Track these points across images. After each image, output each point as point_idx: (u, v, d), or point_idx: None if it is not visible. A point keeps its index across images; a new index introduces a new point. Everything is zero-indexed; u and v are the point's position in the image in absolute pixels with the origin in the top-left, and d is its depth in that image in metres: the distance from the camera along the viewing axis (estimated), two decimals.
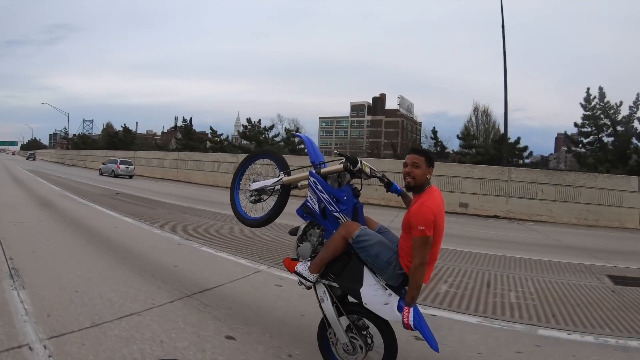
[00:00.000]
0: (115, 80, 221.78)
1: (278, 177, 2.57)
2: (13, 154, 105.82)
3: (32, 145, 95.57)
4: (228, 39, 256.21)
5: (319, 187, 2.28)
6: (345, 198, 2.23)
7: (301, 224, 2.42)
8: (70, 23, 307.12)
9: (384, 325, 2.12)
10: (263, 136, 26.84)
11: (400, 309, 1.98)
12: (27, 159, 57.89)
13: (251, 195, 2.70)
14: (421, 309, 2.21)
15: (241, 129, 30.11)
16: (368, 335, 2.19)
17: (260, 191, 2.66)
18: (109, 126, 54.74)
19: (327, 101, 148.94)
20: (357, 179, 2.32)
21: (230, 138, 33.97)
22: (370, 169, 2.33)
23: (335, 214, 2.23)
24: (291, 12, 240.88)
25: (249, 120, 27.82)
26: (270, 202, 2.64)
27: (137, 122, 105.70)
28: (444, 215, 2.07)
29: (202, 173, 22.58)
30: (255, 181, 2.72)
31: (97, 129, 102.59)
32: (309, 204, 2.34)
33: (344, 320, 2.21)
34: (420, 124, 58.35)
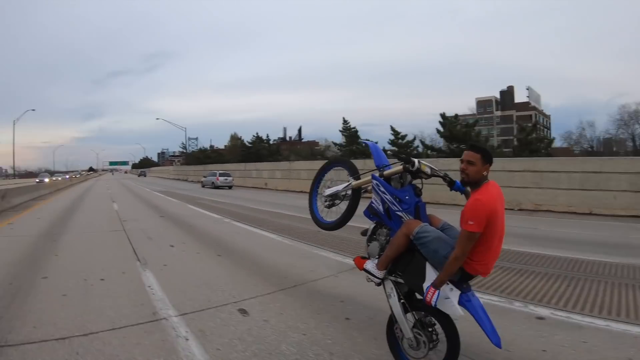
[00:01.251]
0: (212, 99, 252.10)
1: (348, 182, 2.77)
2: (125, 172, 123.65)
3: (143, 164, 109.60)
4: (316, 49, 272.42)
5: (382, 188, 2.41)
6: (407, 197, 2.33)
7: (370, 225, 2.56)
8: (164, 50, 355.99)
9: (447, 323, 2.15)
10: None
11: (461, 303, 2.04)
12: (139, 176, 70.58)
13: (326, 201, 2.92)
14: None
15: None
16: (433, 332, 2.23)
17: (334, 196, 2.87)
18: (234, 137, 55.18)
19: (425, 103, 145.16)
20: (419, 178, 2.41)
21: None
22: (431, 168, 2.40)
23: (398, 213, 2.34)
24: (377, 18, 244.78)
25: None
26: (343, 207, 2.82)
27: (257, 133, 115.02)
28: (503, 210, 2.08)
29: None
30: (329, 187, 2.94)
31: (201, 145, 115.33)
32: (373, 205, 2.49)
33: (411, 317, 2.28)
34: (549, 117, 53.19)
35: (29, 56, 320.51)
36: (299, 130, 33.23)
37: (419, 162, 2.33)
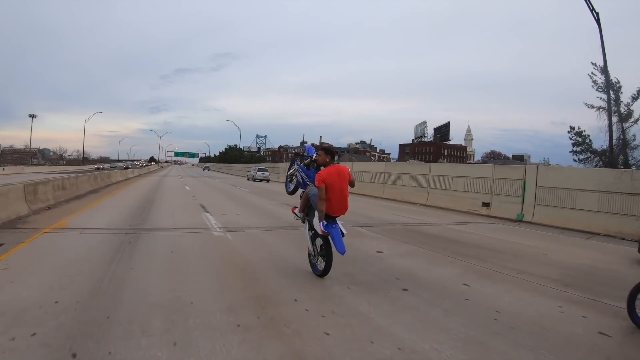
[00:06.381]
0: (277, 102, 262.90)
1: (294, 168, 4.91)
2: (193, 165, 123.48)
3: (206, 159, 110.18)
4: (384, 58, 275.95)
5: (300, 171, 4.57)
6: (311, 175, 4.34)
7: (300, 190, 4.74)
8: (232, 52, 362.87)
9: (327, 243, 3.98)
10: None
11: (326, 228, 3.86)
12: (204, 169, 77.62)
13: (287, 178, 5.12)
14: None
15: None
16: (321, 248, 4.09)
17: (291, 175, 4.99)
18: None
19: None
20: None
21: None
22: (313, 161, 4.42)
23: (307, 183, 4.39)
24: (443, 29, 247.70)
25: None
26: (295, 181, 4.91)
27: (320, 136, 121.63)
28: (339, 180, 3.96)
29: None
30: (290, 171, 5.06)
31: (270, 144, 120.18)
32: (298, 179, 4.65)
33: (313, 240, 4.23)
34: None
35: (107, 51, 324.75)
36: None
37: (314, 157, 4.35)
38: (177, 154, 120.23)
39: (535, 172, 11.37)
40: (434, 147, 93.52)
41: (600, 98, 21.29)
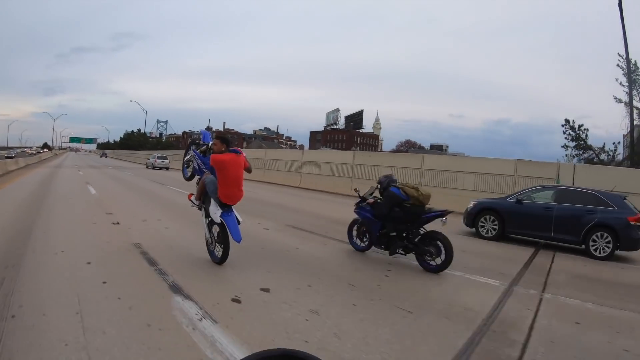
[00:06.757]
0: (179, 86, 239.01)
1: (190, 154, 5.00)
2: (90, 152, 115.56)
3: (105, 146, 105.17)
4: (288, 45, 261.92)
5: (197, 158, 4.64)
6: (207, 162, 4.35)
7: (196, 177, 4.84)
8: (134, 31, 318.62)
9: (223, 230, 4.04)
10: None
11: (222, 216, 4.01)
12: (101, 157, 69.98)
13: (184, 164, 5.22)
14: None
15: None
16: (219, 236, 4.15)
17: (188, 162, 5.10)
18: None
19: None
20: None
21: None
22: (208, 148, 4.48)
23: (204, 169, 4.47)
24: (353, 19, 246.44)
25: None
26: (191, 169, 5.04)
27: (224, 122, 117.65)
28: (233, 167, 4.04)
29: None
30: (186, 157, 5.20)
31: (172, 130, 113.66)
32: (194, 166, 4.74)
33: (210, 227, 4.29)
34: None
35: None
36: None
37: (210, 145, 4.38)
38: (72, 140, 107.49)
39: (572, 171, 10.75)
40: (347, 135, 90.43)
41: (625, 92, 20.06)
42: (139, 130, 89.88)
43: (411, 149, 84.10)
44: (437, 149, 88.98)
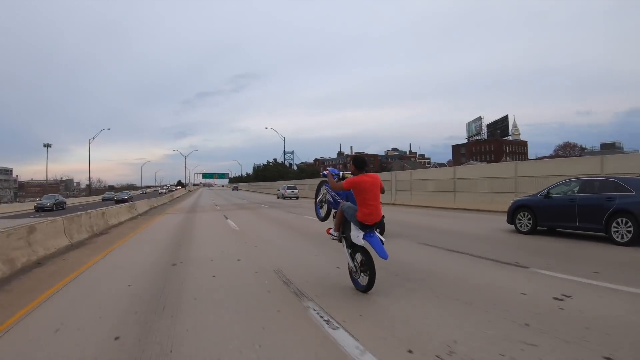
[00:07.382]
0: (297, 117, 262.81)
1: (322, 192, 5.05)
2: (222, 185, 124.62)
3: (237, 179, 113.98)
4: (399, 63, 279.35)
5: (330, 190, 4.64)
6: (341, 193, 4.44)
7: (332, 211, 4.76)
8: (249, 72, 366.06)
9: (367, 255, 3.97)
10: None
11: (365, 239, 3.94)
12: (232, 189, 77.93)
13: (318, 203, 5.19)
14: None
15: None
16: (362, 263, 4.05)
17: (320, 202, 5.13)
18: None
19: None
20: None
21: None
22: (345, 176, 4.45)
23: (338, 200, 4.48)
24: (456, 28, 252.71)
25: None
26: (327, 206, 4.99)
27: (351, 147, 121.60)
28: (371, 187, 3.96)
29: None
30: (318, 196, 5.20)
31: (298, 159, 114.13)
32: (329, 199, 4.73)
33: (352, 256, 4.17)
34: None
35: (129, 80, 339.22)
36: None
37: (343, 173, 4.50)
38: (205, 176, 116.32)
39: None
40: (495, 144, 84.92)
41: None
42: (275, 160, 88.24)
43: (570, 152, 69.62)
44: (608, 147, 68.85)
